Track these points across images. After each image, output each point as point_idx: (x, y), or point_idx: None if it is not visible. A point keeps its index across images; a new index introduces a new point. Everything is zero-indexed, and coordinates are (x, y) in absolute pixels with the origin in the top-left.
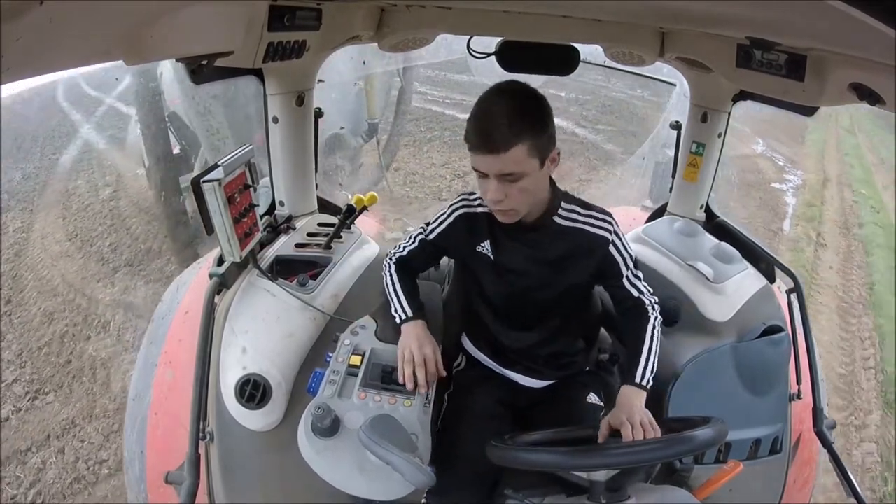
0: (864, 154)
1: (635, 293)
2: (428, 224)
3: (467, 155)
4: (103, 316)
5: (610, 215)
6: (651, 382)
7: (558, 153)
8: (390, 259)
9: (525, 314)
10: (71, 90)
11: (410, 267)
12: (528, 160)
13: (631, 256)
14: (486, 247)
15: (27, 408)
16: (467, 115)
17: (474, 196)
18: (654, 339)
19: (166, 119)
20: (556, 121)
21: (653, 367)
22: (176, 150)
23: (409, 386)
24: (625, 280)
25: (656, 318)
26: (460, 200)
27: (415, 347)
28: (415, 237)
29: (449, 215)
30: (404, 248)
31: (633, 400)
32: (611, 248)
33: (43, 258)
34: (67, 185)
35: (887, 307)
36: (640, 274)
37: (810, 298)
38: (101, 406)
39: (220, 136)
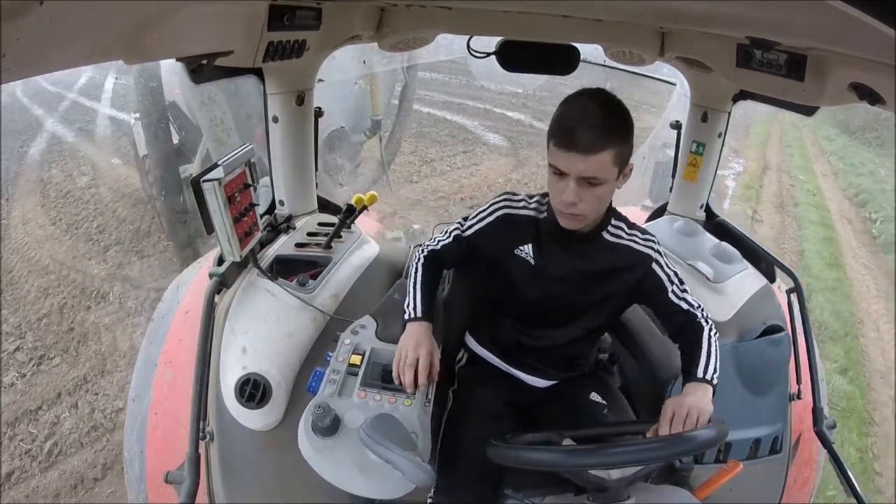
0: (806, 146)
1: (685, 306)
2: (465, 219)
3: (434, 144)
4: (101, 288)
5: (653, 236)
6: (715, 380)
7: (631, 168)
8: (422, 251)
9: (554, 316)
10: (29, 85)
11: (440, 263)
12: (610, 167)
13: (676, 274)
14: (526, 250)
15: (33, 372)
16: (429, 110)
17: (518, 197)
18: (713, 343)
19: (167, 110)
20: (515, 115)
21: (715, 366)
22: (174, 142)
23: (408, 388)
24: (671, 294)
25: (711, 328)
26: (503, 200)
27: (411, 349)
28: (450, 232)
29: (490, 213)
30: (438, 241)
31: (688, 393)
32: (654, 265)
33: (28, 241)
34: (41, 174)
35: (815, 269)
36: (687, 289)
37: None
38: (111, 363)
39: (223, 126)
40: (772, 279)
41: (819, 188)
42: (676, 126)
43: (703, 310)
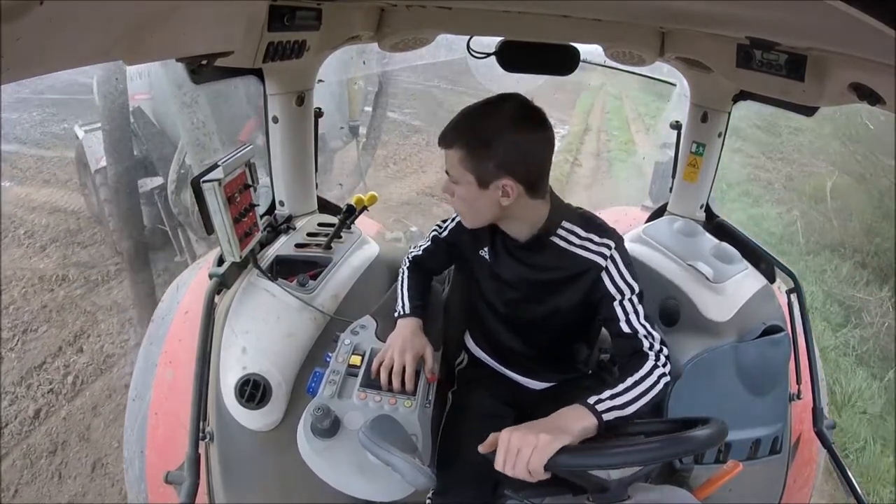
0: (625, 112)
1: (627, 329)
2: (444, 222)
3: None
4: (56, 273)
5: (613, 238)
6: (605, 419)
7: (511, 188)
8: (407, 258)
9: (519, 323)
10: None
11: (425, 266)
12: (460, 169)
13: (632, 289)
14: (486, 252)
15: (22, 341)
16: None
17: None
18: (647, 384)
19: (131, 116)
20: (367, 108)
21: (622, 403)
22: (135, 153)
23: (395, 390)
24: (617, 308)
25: (658, 367)
26: None
27: (396, 352)
28: (430, 236)
29: None
30: (420, 247)
31: (568, 417)
32: (603, 275)
33: None
34: None
35: (623, 189)
36: (640, 310)
37: (570, 194)
38: (102, 314)
39: (205, 129)
40: (772, 279)
41: (632, 140)
42: (676, 126)
43: (656, 342)
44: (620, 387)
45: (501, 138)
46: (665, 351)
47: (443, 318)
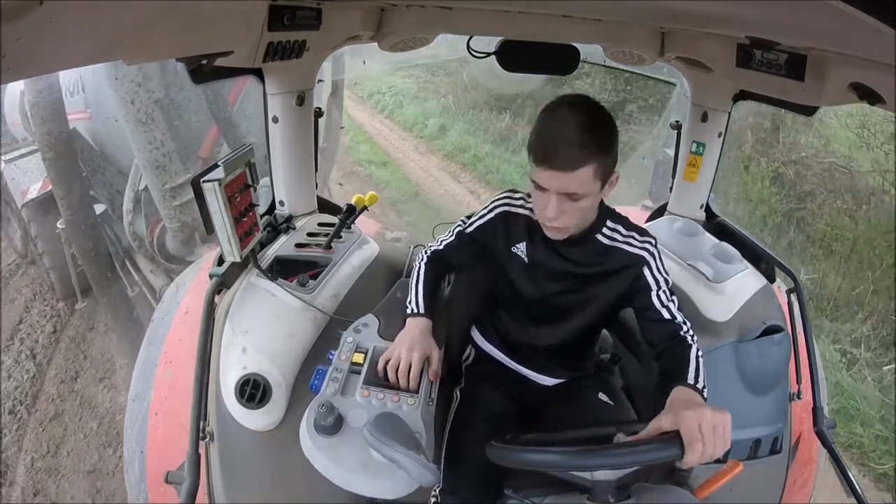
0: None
1: (667, 315)
2: (468, 217)
3: None
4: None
5: (650, 237)
6: (705, 395)
7: (617, 177)
8: (425, 252)
9: (548, 316)
10: None
11: (444, 262)
12: (592, 182)
13: (666, 281)
14: (521, 248)
15: None
16: None
17: (518, 195)
18: (701, 362)
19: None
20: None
21: (705, 382)
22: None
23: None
24: (654, 298)
25: (699, 350)
26: (504, 198)
27: (404, 351)
28: (453, 230)
29: (490, 211)
30: (441, 242)
31: (691, 401)
32: (644, 268)
33: None
34: None
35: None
36: (674, 300)
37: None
38: (45, 277)
39: (164, 150)
40: (772, 279)
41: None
42: (676, 126)
43: (689, 327)
44: (693, 365)
45: (615, 132)
46: (693, 333)
47: (445, 316)
